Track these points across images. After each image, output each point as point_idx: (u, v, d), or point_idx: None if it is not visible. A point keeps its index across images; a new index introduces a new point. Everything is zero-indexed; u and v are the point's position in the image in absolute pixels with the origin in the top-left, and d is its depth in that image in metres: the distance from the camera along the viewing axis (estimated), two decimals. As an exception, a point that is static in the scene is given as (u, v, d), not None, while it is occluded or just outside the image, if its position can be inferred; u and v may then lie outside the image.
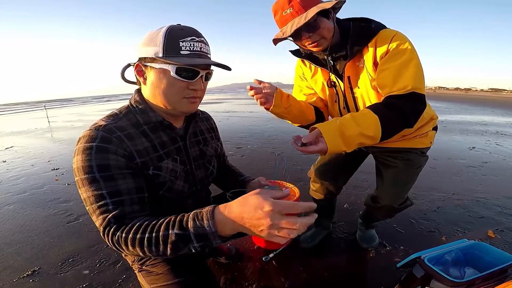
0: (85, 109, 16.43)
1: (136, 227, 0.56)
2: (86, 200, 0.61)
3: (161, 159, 0.72)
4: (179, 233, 0.53)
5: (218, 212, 0.52)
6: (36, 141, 5.20)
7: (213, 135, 0.95)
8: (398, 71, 0.82)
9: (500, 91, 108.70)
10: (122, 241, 0.56)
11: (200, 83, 0.69)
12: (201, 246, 0.53)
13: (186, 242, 0.53)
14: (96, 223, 0.60)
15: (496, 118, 7.93)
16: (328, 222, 1.59)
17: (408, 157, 1.08)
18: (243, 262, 1.39)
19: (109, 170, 0.60)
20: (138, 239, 0.55)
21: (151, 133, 0.71)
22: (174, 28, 0.64)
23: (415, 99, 0.81)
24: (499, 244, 1.52)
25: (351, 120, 0.79)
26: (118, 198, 0.60)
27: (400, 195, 1.12)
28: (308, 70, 1.11)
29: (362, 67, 0.93)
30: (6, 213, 2.07)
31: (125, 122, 0.68)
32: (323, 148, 0.75)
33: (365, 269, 1.34)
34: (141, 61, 0.67)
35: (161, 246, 0.54)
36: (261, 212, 0.46)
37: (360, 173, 1.43)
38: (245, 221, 0.48)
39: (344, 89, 1.01)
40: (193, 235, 0.52)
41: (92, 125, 0.65)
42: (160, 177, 0.70)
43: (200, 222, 0.52)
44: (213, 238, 0.51)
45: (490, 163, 3.14)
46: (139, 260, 0.81)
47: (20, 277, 1.33)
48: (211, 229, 0.50)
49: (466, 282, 0.85)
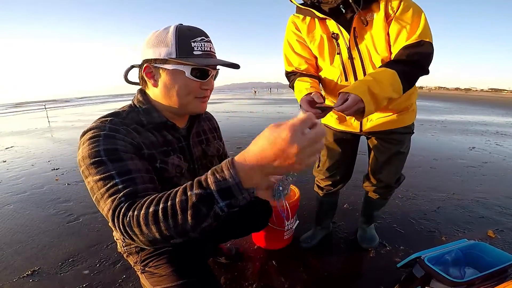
0: (85, 109, 16.44)
1: (148, 201, 0.49)
2: (93, 188, 0.55)
3: (168, 154, 0.72)
4: (199, 192, 0.44)
5: (238, 161, 0.43)
6: (36, 141, 5.20)
7: (215, 135, 0.95)
8: (410, 24, 0.88)
9: (500, 91, 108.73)
10: (134, 221, 0.47)
11: (211, 82, 0.71)
12: (227, 205, 0.44)
13: (209, 203, 0.44)
14: (104, 209, 0.53)
15: (496, 118, 7.94)
16: (328, 222, 1.59)
17: (400, 138, 1.16)
18: (243, 262, 1.39)
19: (116, 152, 0.58)
20: (152, 212, 0.46)
21: (156, 132, 0.72)
22: (182, 28, 0.64)
23: (426, 47, 0.88)
24: (499, 244, 1.52)
25: (373, 80, 0.84)
26: (128, 176, 0.56)
27: (397, 174, 1.26)
28: (303, 25, 1.06)
29: (370, 20, 0.94)
30: (6, 213, 2.07)
31: (129, 120, 0.68)
32: (360, 106, 0.82)
33: (365, 269, 1.34)
34: (150, 62, 0.67)
35: (179, 216, 0.44)
36: (281, 140, 0.39)
37: (360, 173, 1.43)
38: (268, 156, 0.40)
39: (349, 41, 0.99)
40: (216, 192, 0.43)
41: (97, 120, 0.64)
42: (167, 172, 0.70)
43: (220, 175, 0.43)
44: (238, 192, 0.43)
45: (490, 163, 3.14)
46: (141, 262, 0.81)
47: (20, 277, 1.33)
48: (234, 180, 0.42)
49: (466, 282, 0.85)
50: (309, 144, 0.40)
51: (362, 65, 1.00)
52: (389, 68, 0.87)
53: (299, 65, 1.13)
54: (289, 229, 1.45)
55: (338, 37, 1.00)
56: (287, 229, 1.43)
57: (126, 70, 0.72)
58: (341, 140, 1.27)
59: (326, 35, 1.02)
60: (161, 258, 0.79)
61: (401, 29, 0.89)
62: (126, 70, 0.72)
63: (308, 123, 0.40)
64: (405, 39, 0.89)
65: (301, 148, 0.39)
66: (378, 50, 0.96)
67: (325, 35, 1.03)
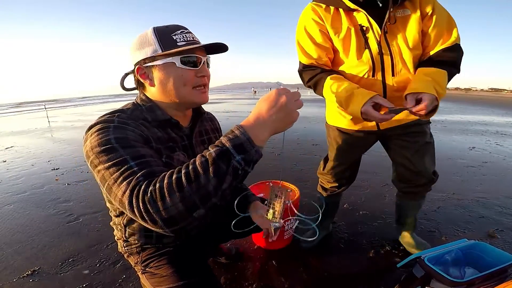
0: (85, 109, 16.44)
1: (169, 173, 0.50)
2: (104, 175, 0.53)
3: (173, 150, 0.72)
4: (217, 149, 0.48)
5: (244, 123, 0.52)
6: (36, 141, 5.20)
7: (217, 135, 0.95)
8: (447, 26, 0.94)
9: (500, 91, 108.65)
10: (157, 194, 0.47)
11: (205, 69, 0.71)
12: (243, 159, 0.49)
13: (227, 157, 0.48)
14: (118, 194, 0.51)
15: (496, 118, 7.93)
16: (328, 222, 1.59)
17: (421, 129, 1.15)
18: (243, 262, 1.39)
19: (127, 140, 0.57)
20: (175, 179, 0.47)
21: (161, 129, 0.72)
22: (159, 27, 0.67)
23: (459, 49, 0.96)
24: (499, 244, 1.52)
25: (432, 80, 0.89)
26: (143, 159, 0.55)
27: (434, 164, 1.22)
28: (327, 15, 0.98)
29: (400, 16, 0.94)
30: (6, 213, 2.07)
31: (134, 116, 0.68)
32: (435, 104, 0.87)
33: (365, 269, 1.34)
34: (141, 63, 0.68)
35: (202, 177, 0.46)
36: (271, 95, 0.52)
37: (360, 173, 1.42)
38: (265, 110, 0.52)
39: (380, 36, 0.95)
40: (231, 147, 0.48)
41: (102, 115, 0.64)
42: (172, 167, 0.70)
43: (233, 134, 0.50)
44: (250, 147, 0.49)
45: (490, 163, 3.14)
46: (142, 262, 0.81)
47: (20, 277, 1.33)
48: (245, 136, 0.49)
49: (466, 282, 0.85)
50: (292, 96, 0.53)
51: (391, 61, 0.97)
52: (440, 69, 0.93)
53: (319, 58, 1.04)
54: (289, 229, 1.45)
55: (368, 31, 0.95)
56: (287, 229, 1.43)
57: (121, 78, 0.74)
58: (352, 142, 1.22)
59: (354, 28, 0.96)
60: (162, 259, 0.79)
61: (440, 31, 0.93)
62: (121, 78, 0.74)
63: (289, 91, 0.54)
64: (443, 42, 0.94)
65: (288, 98, 0.52)
66: (410, 46, 0.95)
67: (352, 27, 0.96)
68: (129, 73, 0.74)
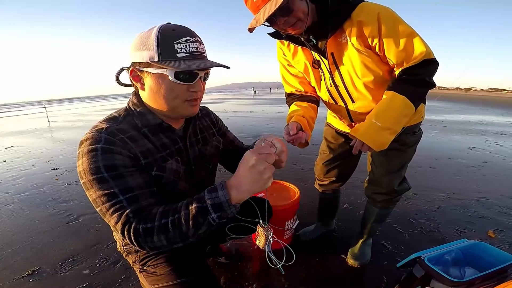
0: (85, 109, 16.44)
1: (159, 214, 0.58)
2: (96, 201, 0.60)
3: (165, 160, 0.71)
4: (197, 206, 0.57)
5: (227, 183, 0.58)
6: (36, 141, 5.20)
7: (214, 131, 0.93)
8: (405, 44, 0.83)
9: (500, 91, 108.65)
10: (147, 232, 0.57)
11: (199, 84, 0.68)
12: (218, 217, 0.57)
13: (204, 214, 0.56)
14: (111, 221, 0.59)
15: (496, 118, 7.93)
16: (328, 219, 1.60)
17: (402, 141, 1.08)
18: (243, 262, 1.39)
19: (116, 169, 0.60)
20: (163, 224, 0.57)
21: (152, 136, 0.71)
22: (166, 28, 0.61)
23: (429, 63, 0.85)
24: (499, 244, 1.52)
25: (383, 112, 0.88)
26: (131, 193, 0.60)
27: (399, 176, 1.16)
28: (288, 51, 1.05)
29: (345, 42, 0.90)
30: (6, 213, 2.07)
31: (125, 125, 0.67)
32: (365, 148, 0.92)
33: (365, 269, 1.34)
34: (136, 66, 0.65)
35: (183, 226, 0.56)
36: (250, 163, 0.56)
37: (360, 173, 1.42)
38: (246, 176, 0.56)
39: (329, 66, 0.97)
40: (210, 205, 0.56)
41: (93, 128, 0.64)
42: (163, 179, 0.70)
43: (214, 193, 0.57)
44: (227, 207, 0.56)
45: (490, 163, 3.14)
46: (140, 261, 0.81)
47: (20, 277, 1.33)
48: (225, 197, 0.56)
49: (466, 282, 0.85)
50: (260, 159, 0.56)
51: (346, 90, 0.98)
52: (398, 93, 0.87)
53: (298, 86, 1.12)
54: (289, 229, 1.45)
55: (320, 64, 0.99)
56: (287, 229, 1.43)
57: (116, 73, 0.70)
58: (341, 140, 1.27)
59: (309, 62, 1.01)
60: (159, 258, 0.79)
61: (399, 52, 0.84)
62: (116, 73, 0.70)
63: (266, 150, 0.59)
64: (408, 60, 0.85)
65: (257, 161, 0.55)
66: (358, 74, 0.92)
67: (308, 62, 1.01)
68: (125, 69, 0.71)
